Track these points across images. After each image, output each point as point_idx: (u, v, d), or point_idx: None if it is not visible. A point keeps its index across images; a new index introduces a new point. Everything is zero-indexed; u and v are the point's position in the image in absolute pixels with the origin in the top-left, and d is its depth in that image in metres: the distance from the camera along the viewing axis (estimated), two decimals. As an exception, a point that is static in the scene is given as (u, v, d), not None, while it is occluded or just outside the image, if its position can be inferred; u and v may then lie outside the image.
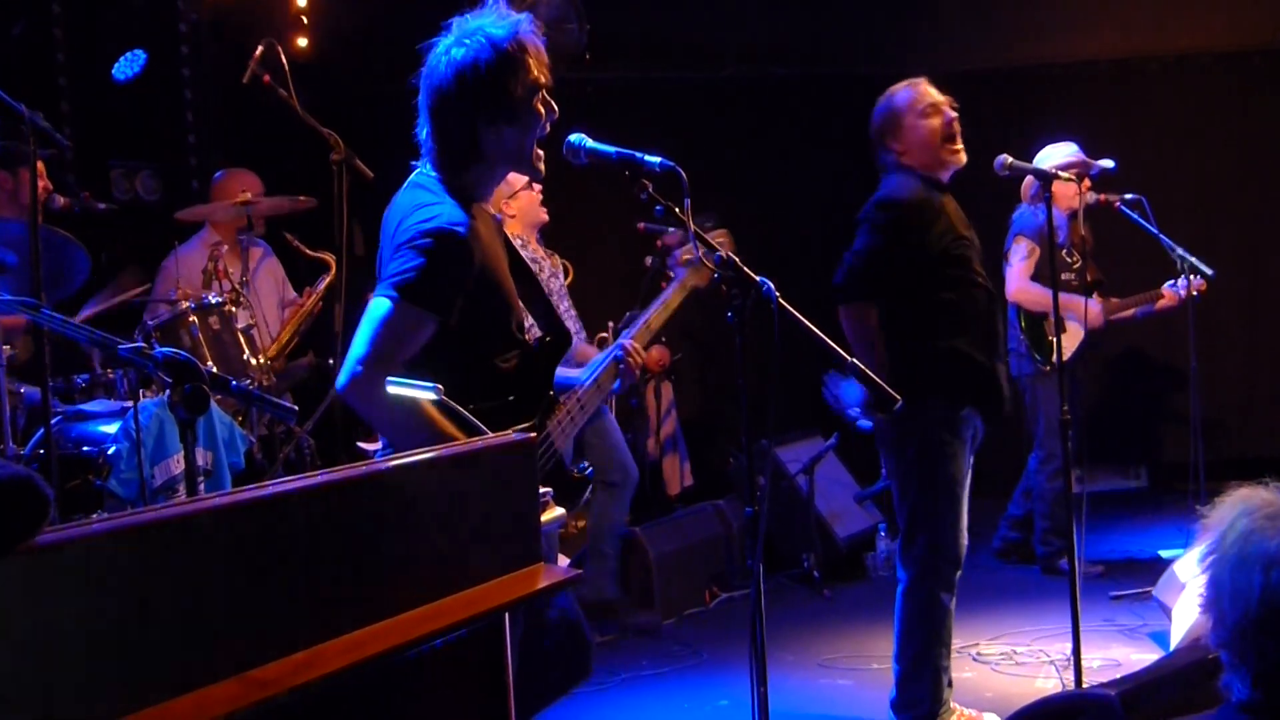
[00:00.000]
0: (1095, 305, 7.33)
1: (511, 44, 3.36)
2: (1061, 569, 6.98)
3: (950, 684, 5.11)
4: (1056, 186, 6.16)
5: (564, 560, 7.09)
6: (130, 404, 4.93)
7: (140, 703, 1.94)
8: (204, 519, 2.14)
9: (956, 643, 5.97)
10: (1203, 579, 2.30)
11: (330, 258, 6.59)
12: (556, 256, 6.39)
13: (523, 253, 4.34)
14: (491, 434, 3.00)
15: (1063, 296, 6.88)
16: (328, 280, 6.65)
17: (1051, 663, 5.75)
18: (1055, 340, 5.49)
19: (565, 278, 6.44)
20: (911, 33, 9.61)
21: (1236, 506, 2.30)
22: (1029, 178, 6.91)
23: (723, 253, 3.39)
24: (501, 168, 3.58)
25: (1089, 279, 7.46)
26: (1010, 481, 7.83)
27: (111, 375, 5.50)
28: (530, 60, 3.39)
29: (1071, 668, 4.94)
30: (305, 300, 6.74)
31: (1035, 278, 7.24)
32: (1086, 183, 6.83)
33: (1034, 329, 7.36)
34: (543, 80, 3.43)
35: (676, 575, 6.92)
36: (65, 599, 1.88)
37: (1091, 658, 5.54)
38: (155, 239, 6.72)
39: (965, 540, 4.94)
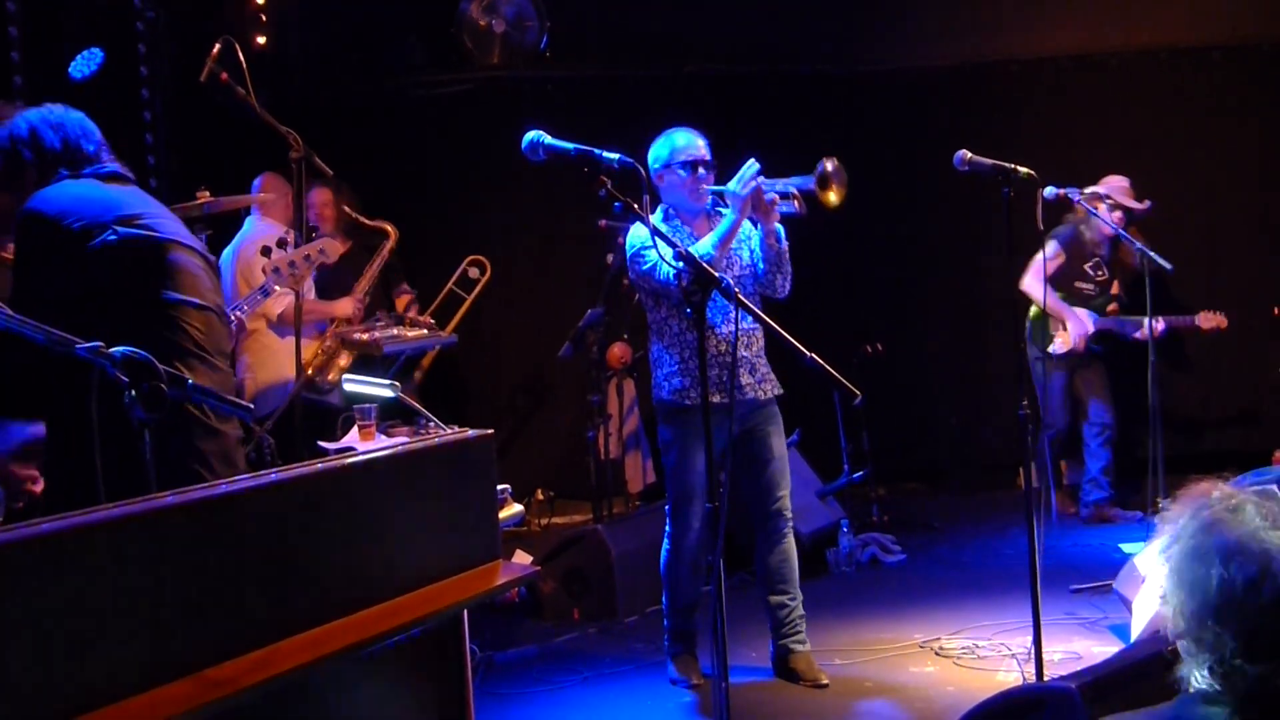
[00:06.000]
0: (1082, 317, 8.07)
1: None
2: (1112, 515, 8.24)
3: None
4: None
5: (525, 557, 7.10)
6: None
7: (94, 703, 1.92)
8: (160, 518, 2.12)
9: (918, 636, 6.10)
10: (1162, 571, 2.32)
11: (389, 226, 7.58)
12: None
13: None
14: (448, 430, 2.99)
15: (1056, 305, 7.97)
16: (389, 245, 7.56)
17: (1013, 656, 5.76)
18: (1020, 340, 5.51)
19: None
20: (874, 29, 9.64)
21: (1197, 499, 2.31)
22: (1076, 199, 7.11)
23: (681, 249, 3.38)
24: None
25: (1111, 293, 8.21)
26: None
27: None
28: None
29: (1033, 661, 4.95)
30: (371, 265, 7.54)
31: (1051, 279, 7.61)
32: (1119, 214, 7.65)
33: (1037, 321, 8.13)
34: None
35: (638, 573, 6.89)
36: (15, 599, 1.86)
37: (1053, 651, 5.56)
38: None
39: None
